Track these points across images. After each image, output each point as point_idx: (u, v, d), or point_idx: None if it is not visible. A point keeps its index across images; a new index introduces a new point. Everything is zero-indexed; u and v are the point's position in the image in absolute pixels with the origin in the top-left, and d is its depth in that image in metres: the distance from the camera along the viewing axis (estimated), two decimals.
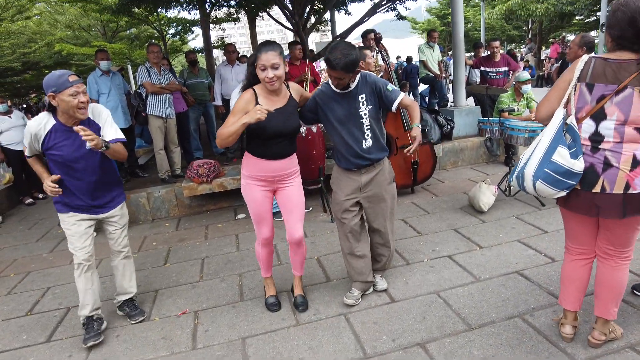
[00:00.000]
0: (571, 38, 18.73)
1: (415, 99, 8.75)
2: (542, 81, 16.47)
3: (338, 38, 8.43)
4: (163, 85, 4.85)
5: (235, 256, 3.67)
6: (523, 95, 4.95)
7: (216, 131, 6.48)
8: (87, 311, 2.61)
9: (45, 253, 4.22)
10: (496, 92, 5.05)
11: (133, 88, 10.24)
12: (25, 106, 22.55)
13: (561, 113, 1.88)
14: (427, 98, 8.07)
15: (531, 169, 1.90)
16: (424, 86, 8.51)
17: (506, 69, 6.36)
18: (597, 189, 1.83)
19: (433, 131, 5.17)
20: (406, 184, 4.70)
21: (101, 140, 2.30)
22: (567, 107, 1.89)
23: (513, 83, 5.32)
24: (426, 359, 2.17)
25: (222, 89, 6.17)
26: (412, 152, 2.53)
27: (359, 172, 2.59)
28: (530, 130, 3.94)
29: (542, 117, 1.99)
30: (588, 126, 1.85)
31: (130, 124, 5.32)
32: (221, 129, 2.32)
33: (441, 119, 5.50)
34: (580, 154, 1.83)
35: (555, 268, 2.90)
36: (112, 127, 2.53)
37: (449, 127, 5.61)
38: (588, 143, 1.86)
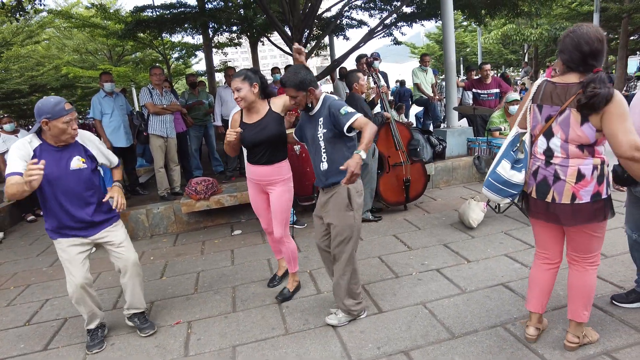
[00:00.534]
0: None
1: (409, 121, 8.96)
2: None
3: (336, 62, 8.71)
4: (164, 106, 5.04)
5: (229, 270, 3.76)
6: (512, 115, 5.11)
7: (216, 151, 6.70)
8: (93, 326, 2.74)
9: (45, 267, 4.31)
10: (483, 112, 5.22)
11: (137, 109, 10.51)
12: (30, 127, 22.91)
13: (514, 130, 2.08)
14: (422, 119, 8.27)
15: (485, 179, 2.17)
16: (419, 108, 8.73)
17: (497, 91, 6.55)
18: (549, 199, 2.02)
19: (425, 150, 5.32)
20: (399, 201, 4.82)
21: (121, 191, 2.63)
22: (523, 125, 2.08)
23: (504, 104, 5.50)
24: None
25: (222, 110, 6.37)
26: (346, 182, 2.25)
27: (322, 191, 2.67)
28: None
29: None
30: (542, 142, 2.03)
31: (131, 143, 5.49)
32: (225, 142, 2.86)
33: (433, 139, 5.66)
34: (524, 168, 2.03)
35: None
36: (109, 154, 2.75)
37: (441, 147, 5.76)
38: (543, 157, 2.04)
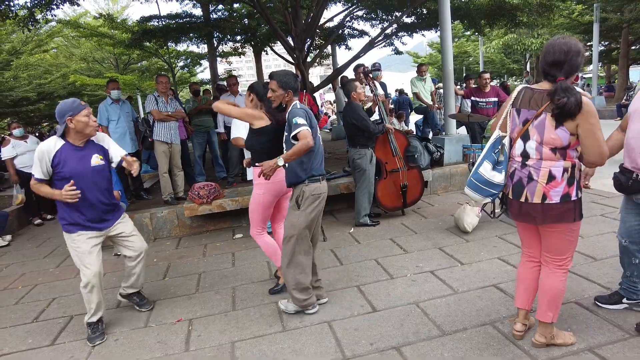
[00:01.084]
0: None
1: (409, 129, 9.09)
2: None
3: (338, 71, 8.89)
4: (169, 113, 5.20)
5: (230, 271, 3.87)
6: None
7: (219, 157, 6.82)
8: (96, 318, 2.89)
9: (52, 268, 4.44)
10: (478, 120, 5.34)
11: (142, 116, 10.71)
12: (37, 134, 23.25)
13: (496, 134, 2.21)
14: (422, 127, 8.40)
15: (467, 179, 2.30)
16: (419, 116, 8.87)
17: (496, 100, 6.69)
18: (523, 199, 2.14)
19: (422, 157, 5.43)
20: (396, 206, 4.93)
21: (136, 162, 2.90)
22: (504, 129, 2.21)
23: None
24: None
25: (225, 118, 6.51)
26: (265, 175, 2.65)
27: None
28: None
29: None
30: (519, 145, 2.16)
31: (137, 149, 5.64)
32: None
33: (431, 146, 5.78)
34: (504, 169, 2.16)
35: None
36: (118, 147, 2.99)
37: (439, 154, 5.88)
38: (520, 159, 2.16)
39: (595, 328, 2.43)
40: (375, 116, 4.79)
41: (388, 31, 9.10)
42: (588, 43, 17.75)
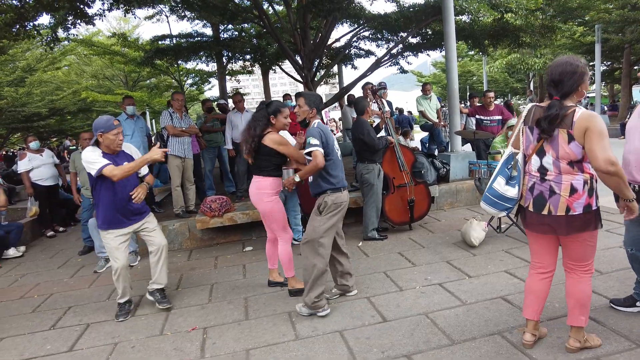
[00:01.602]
0: None
1: (415, 146, 9.22)
2: None
3: (344, 90, 9.09)
4: (184, 128, 5.36)
5: (242, 282, 3.95)
6: None
7: (229, 172, 6.96)
8: (123, 300, 3.42)
9: (66, 278, 4.54)
10: (483, 137, 5.47)
11: (153, 131, 10.92)
12: (49, 149, 23.59)
13: (509, 150, 2.32)
14: (427, 144, 8.53)
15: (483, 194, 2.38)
16: (424, 133, 9.00)
17: (500, 118, 6.83)
18: (545, 212, 2.22)
19: (429, 173, 5.54)
20: (404, 221, 5.01)
21: (145, 189, 3.38)
22: (516, 145, 2.32)
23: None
24: None
25: (233, 134, 6.64)
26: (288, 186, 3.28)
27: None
28: None
29: None
30: (535, 161, 2.25)
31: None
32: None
33: (437, 162, 5.90)
34: (517, 184, 2.26)
35: None
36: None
37: (445, 170, 5.98)
38: (537, 174, 2.26)
39: (602, 338, 2.48)
40: (381, 133, 4.92)
41: (394, 51, 9.33)
42: (590, 63, 17.99)
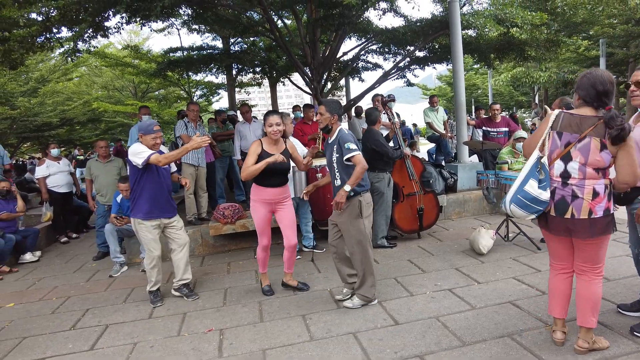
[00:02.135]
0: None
1: (422, 158, 9.32)
2: None
3: (352, 102, 9.25)
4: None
5: (255, 287, 4.04)
6: (520, 152, 5.46)
7: (240, 181, 7.08)
8: (155, 288, 3.80)
9: (82, 282, 4.65)
10: (491, 147, 5.58)
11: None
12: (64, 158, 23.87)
13: (536, 154, 2.39)
14: (434, 155, 8.63)
15: (509, 196, 2.43)
16: (431, 144, 9.12)
17: (506, 129, 6.94)
18: (568, 215, 2.31)
19: (437, 182, 5.64)
20: (413, 229, 5.10)
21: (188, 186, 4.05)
22: (542, 150, 2.40)
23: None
24: None
25: (242, 145, 6.76)
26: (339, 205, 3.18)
27: None
28: None
29: (526, 156, 2.52)
30: (559, 166, 2.35)
31: None
32: (247, 168, 3.41)
33: (445, 173, 6.00)
34: (548, 187, 2.33)
35: (544, 299, 3.20)
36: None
37: (453, 180, 6.08)
38: (559, 179, 2.35)
39: (610, 341, 2.55)
40: (390, 143, 5.04)
41: (401, 64, 9.51)
42: None
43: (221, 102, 21.93)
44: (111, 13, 5.74)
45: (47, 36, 5.21)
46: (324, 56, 8.28)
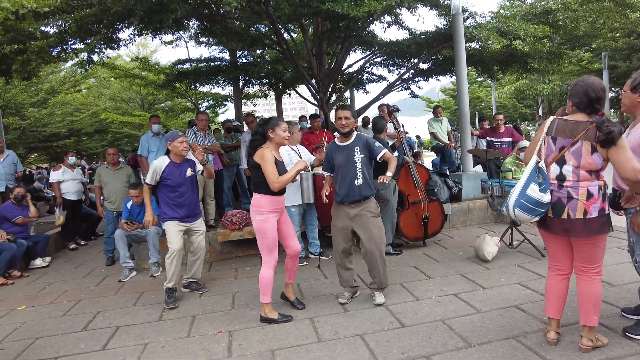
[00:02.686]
0: None
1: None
2: None
3: (357, 113, 9.38)
4: (207, 146, 5.63)
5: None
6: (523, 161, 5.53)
7: (247, 189, 7.17)
8: (172, 284, 3.90)
9: (92, 286, 4.72)
10: (495, 155, 5.66)
11: None
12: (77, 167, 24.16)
13: (535, 159, 2.49)
14: (438, 166, 8.71)
15: (512, 200, 2.50)
16: (435, 155, 9.21)
17: (510, 140, 7.02)
18: (565, 216, 2.40)
19: (442, 191, 5.71)
20: (418, 237, 5.15)
21: (204, 159, 4.01)
22: (539, 155, 2.49)
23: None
24: None
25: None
26: (383, 181, 3.32)
27: (350, 206, 3.47)
28: None
29: (527, 162, 2.60)
30: (554, 169, 2.45)
31: None
32: (279, 178, 3.18)
33: (450, 182, 6.07)
34: (548, 189, 2.41)
35: None
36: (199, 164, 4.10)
37: (457, 189, 6.15)
38: (555, 182, 2.44)
39: (614, 343, 2.59)
40: (395, 152, 5.13)
41: (405, 76, 9.65)
42: None
43: (227, 114, 22.07)
44: (124, 26, 5.93)
45: (63, 47, 5.39)
46: (330, 68, 8.43)
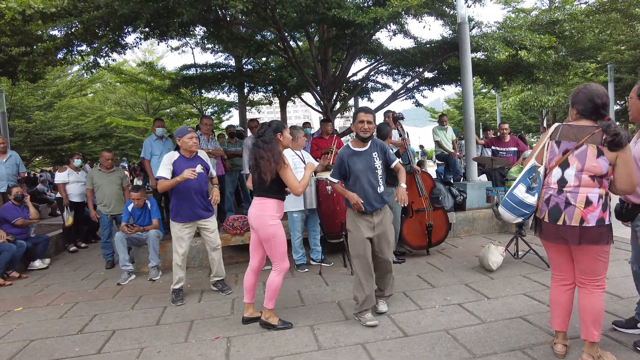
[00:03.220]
0: None
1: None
2: None
3: None
4: (210, 150, 5.60)
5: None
6: None
7: (249, 195, 7.11)
8: (178, 286, 4.00)
9: (90, 289, 4.66)
10: (500, 164, 5.60)
11: None
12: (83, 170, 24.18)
13: (531, 162, 2.47)
14: (443, 175, 8.65)
15: (502, 199, 2.52)
16: (440, 163, 9.15)
17: (515, 149, 6.97)
18: (560, 222, 2.34)
19: (446, 200, 5.64)
20: (422, 245, 5.08)
21: (217, 194, 4.14)
22: (540, 160, 2.45)
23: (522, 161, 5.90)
24: None
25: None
26: (403, 201, 3.26)
27: (372, 215, 3.28)
28: None
29: (524, 166, 2.57)
30: (557, 173, 2.39)
31: None
32: (301, 182, 3.19)
33: (454, 190, 6.00)
34: (537, 193, 2.40)
35: None
36: (212, 169, 4.19)
37: (462, 198, 6.07)
38: (556, 186, 2.39)
39: (624, 358, 2.51)
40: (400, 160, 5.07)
41: (410, 85, 9.64)
42: None
43: (232, 120, 22.17)
44: (130, 29, 5.95)
45: (69, 49, 5.40)
46: (335, 75, 8.44)
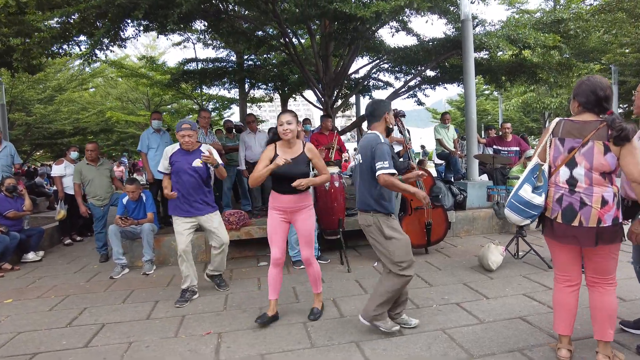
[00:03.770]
0: None
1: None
2: None
3: (362, 118, 9.27)
4: (208, 144, 5.52)
5: (257, 294, 3.95)
6: None
7: (247, 191, 7.04)
8: (185, 286, 3.82)
9: (82, 282, 4.59)
10: (502, 162, 5.52)
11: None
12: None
13: (535, 160, 2.38)
14: (443, 173, 8.56)
15: (507, 202, 2.41)
16: (440, 162, 9.06)
17: (517, 149, 6.89)
18: (576, 223, 2.23)
19: (446, 198, 5.55)
20: (420, 244, 4.99)
21: (215, 160, 3.70)
22: (543, 158, 2.36)
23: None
24: None
25: (247, 155, 6.69)
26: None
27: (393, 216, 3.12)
28: None
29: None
30: (564, 172, 2.28)
31: None
32: (253, 174, 3.13)
33: (454, 189, 5.91)
34: (543, 192, 2.30)
35: None
36: (218, 158, 3.85)
37: (462, 197, 5.98)
38: (566, 186, 2.28)
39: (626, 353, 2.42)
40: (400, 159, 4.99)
41: (411, 83, 9.54)
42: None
43: (233, 117, 22.16)
44: (128, 22, 5.86)
45: (66, 39, 5.32)
46: (336, 72, 8.34)
